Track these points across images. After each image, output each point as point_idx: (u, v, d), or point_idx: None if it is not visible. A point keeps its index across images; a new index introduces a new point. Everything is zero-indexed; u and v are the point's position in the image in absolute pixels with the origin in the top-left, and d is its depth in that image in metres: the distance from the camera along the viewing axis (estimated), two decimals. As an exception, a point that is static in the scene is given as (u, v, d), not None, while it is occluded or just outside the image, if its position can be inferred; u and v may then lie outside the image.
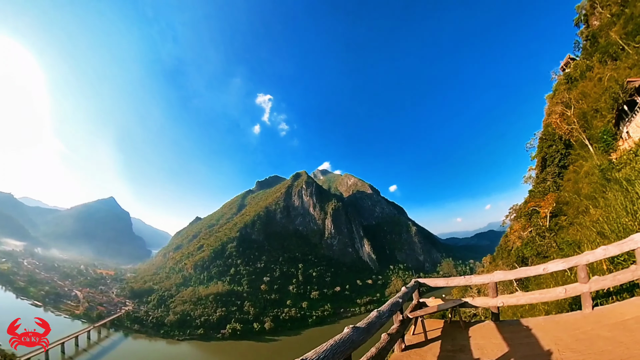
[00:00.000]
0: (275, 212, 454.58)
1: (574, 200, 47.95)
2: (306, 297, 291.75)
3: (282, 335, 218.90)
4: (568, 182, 53.80)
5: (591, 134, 48.15)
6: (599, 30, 60.20)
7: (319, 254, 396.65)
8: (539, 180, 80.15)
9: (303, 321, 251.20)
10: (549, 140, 69.48)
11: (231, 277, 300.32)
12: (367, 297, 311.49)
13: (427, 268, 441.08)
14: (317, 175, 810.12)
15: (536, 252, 58.28)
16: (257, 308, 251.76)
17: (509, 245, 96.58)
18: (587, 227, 34.84)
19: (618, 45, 49.59)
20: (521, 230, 69.56)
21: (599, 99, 47.68)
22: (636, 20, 47.47)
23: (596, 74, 51.51)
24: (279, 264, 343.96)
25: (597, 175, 38.03)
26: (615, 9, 55.62)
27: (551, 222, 56.44)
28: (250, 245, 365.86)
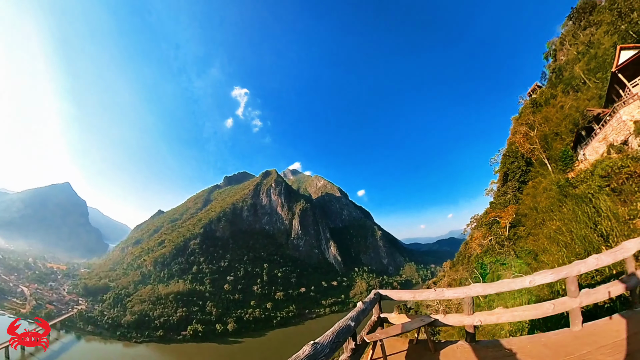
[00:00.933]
0: (242, 209, 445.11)
1: (531, 213, 53.52)
2: (271, 297, 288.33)
3: (246, 337, 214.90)
4: (527, 196, 59.73)
5: (550, 154, 54.39)
6: (565, 64, 69.58)
7: (284, 254, 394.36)
8: (500, 193, 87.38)
9: (267, 322, 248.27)
10: (512, 157, 76.60)
11: (193, 275, 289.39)
12: (332, 299, 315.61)
13: (390, 271, 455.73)
14: (287, 175, 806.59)
15: (495, 260, 64.01)
16: (219, 308, 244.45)
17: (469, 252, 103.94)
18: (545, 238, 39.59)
19: (580, 79, 57.50)
20: (482, 238, 75.26)
21: (559, 124, 54.68)
22: (598, 59, 54.89)
23: (559, 102, 59.13)
24: (243, 263, 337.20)
25: (555, 191, 43.01)
26: (581, 48, 65.00)
27: (510, 232, 62.04)
28: (215, 242, 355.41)
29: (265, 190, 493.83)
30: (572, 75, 62.68)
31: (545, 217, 44.67)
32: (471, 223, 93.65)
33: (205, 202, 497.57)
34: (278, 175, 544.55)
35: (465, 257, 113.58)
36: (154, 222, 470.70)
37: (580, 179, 33.87)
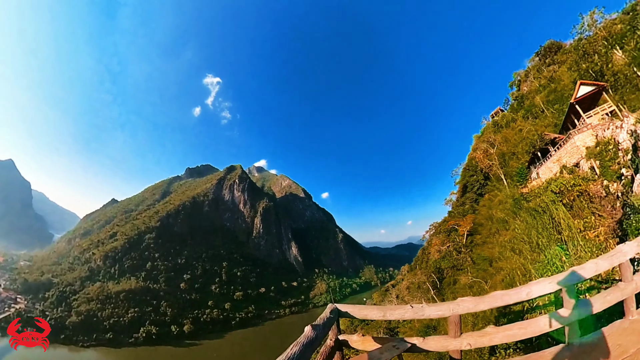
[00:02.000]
0: (202, 204, 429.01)
1: (487, 223, 58.72)
2: (229, 297, 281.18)
3: (203, 339, 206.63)
4: (483, 207, 65.37)
5: (507, 170, 60.19)
6: (527, 94, 78.11)
7: (245, 253, 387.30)
8: (459, 203, 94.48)
9: (226, 323, 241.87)
10: (472, 171, 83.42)
11: (147, 272, 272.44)
12: (292, 299, 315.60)
13: (350, 273, 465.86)
14: (252, 172, 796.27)
15: (452, 265, 68.69)
16: (175, 309, 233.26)
17: (427, 257, 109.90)
18: (500, 246, 43.47)
19: (540, 108, 64.78)
20: (440, 244, 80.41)
21: (517, 145, 60.65)
22: (557, 93, 61.96)
23: (518, 126, 65.65)
24: (201, 260, 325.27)
25: (510, 203, 47.77)
26: (544, 82, 73.31)
27: (467, 240, 67.18)
28: (172, 237, 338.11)
29: (229, 186, 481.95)
30: (532, 104, 70.34)
31: (500, 227, 49.51)
32: (430, 230, 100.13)
33: (164, 193, 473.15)
34: (243, 171, 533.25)
35: (423, 262, 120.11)
36: (107, 212, 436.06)
37: (534, 194, 37.95)
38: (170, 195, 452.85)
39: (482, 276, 43.30)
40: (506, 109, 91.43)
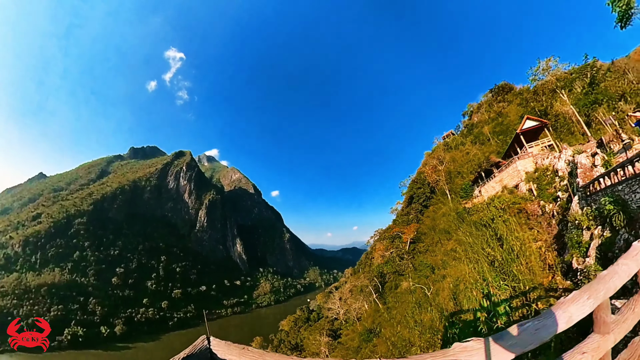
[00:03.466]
0: (144, 189, 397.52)
1: (430, 233, 63.89)
2: (167, 295, 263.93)
3: (137, 342, 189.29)
4: (427, 218, 71.20)
5: (452, 187, 66.71)
6: (477, 123, 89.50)
7: (186, 248, 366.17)
8: (404, 212, 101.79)
9: (162, 324, 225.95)
10: (419, 184, 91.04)
11: (74, 263, 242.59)
12: (234, 299, 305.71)
13: (295, 274, 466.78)
14: (202, 161, 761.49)
15: (394, 270, 72.91)
16: (106, 307, 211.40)
17: (370, 262, 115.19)
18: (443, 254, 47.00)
19: (486, 137, 75.06)
20: (384, 250, 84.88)
21: (463, 165, 68.73)
22: (503, 126, 72.78)
23: (466, 149, 75.12)
24: (137, 253, 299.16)
25: (453, 216, 52.64)
26: (493, 115, 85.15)
27: (410, 247, 71.87)
28: (105, 224, 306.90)
29: (175, 173, 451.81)
30: (480, 132, 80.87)
31: (443, 237, 54.00)
32: (375, 236, 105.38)
33: (102, 173, 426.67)
34: (192, 158, 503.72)
35: (366, 266, 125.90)
36: (31, 187, 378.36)
37: (477, 209, 42.26)
38: (109, 176, 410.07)
39: (424, 282, 46.08)
40: (457, 133, 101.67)
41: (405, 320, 36.06)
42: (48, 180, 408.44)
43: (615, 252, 13.51)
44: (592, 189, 18.69)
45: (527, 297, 15.75)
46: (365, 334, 55.49)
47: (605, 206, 14.78)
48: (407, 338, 28.24)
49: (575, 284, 15.06)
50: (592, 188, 18.72)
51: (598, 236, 15.57)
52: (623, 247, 12.98)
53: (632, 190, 13.76)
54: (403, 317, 39.44)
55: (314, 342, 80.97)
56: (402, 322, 37.18)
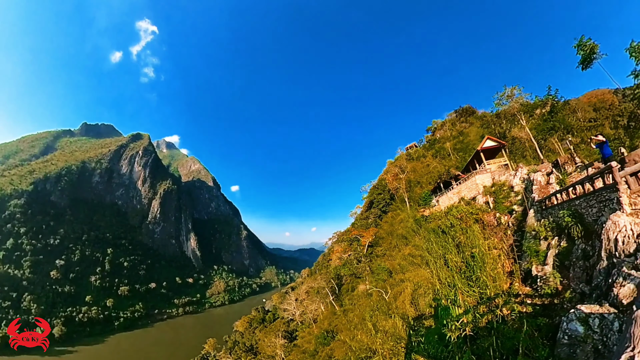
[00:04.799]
0: (93, 172, 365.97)
1: (388, 237, 65.93)
2: (112, 292, 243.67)
3: (79, 344, 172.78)
4: (386, 223, 73.81)
5: (411, 195, 70.15)
6: (440, 139, 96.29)
7: (135, 240, 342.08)
8: (364, 216, 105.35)
9: (107, 324, 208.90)
10: (380, 190, 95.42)
11: (7, 253, 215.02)
12: (186, 298, 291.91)
13: (251, 273, 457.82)
14: (161, 146, 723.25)
15: (352, 273, 74.28)
16: (42, 304, 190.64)
17: (328, 263, 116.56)
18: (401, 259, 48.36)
19: (447, 152, 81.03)
20: (342, 252, 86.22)
21: (423, 176, 72.52)
22: (463, 144, 78.70)
23: (427, 161, 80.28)
24: (81, 243, 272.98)
25: (411, 222, 54.62)
26: (455, 133, 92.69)
27: (368, 250, 73.58)
28: (46, 209, 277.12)
29: (130, 157, 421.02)
30: (442, 147, 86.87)
31: (400, 242, 55.76)
32: (333, 237, 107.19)
33: (47, 149, 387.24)
34: (150, 143, 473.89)
35: (323, 268, 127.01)
36: None
37: (435, 217, 44.19)
38: (54, 153, 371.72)
39: (382, 286, 46.78)
40: (420, 146, 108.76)
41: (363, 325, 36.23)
42: None
43: (572, 261, 14.68)
44: (549, 203, 20.16)
45: (493, 302, 16.43)
46: (321, 337, 55.33)
47: (563, 219, 15.92)
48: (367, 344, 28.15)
49: (535, 289, 16.06)
50: (549, 202, 20.20)
51: (555, 246, 16.85)
52: (580, 255, 14.13)
53: (589, 204, 15.00)
54: (361, 321, 39.67)
55: (269, 344, 79.82)
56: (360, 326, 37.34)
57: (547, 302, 13.99)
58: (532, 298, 15.22)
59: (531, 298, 15.29)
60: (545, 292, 14.52)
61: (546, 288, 14.59)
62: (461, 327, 14.85)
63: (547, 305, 13.96)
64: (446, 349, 15.29)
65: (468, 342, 14.16)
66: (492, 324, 13.91)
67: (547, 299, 14.13)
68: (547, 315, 13.11)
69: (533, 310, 14.09)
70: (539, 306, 14.25)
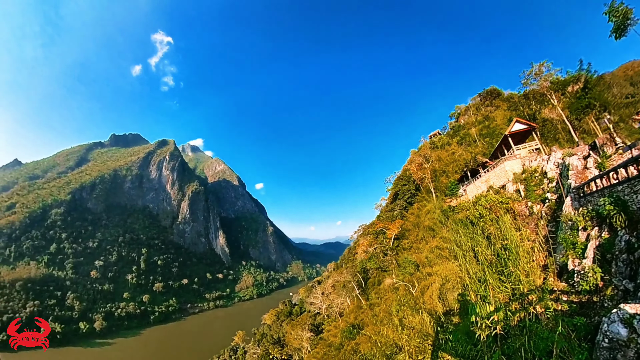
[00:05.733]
0: (125, 178, 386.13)
1: (414, 230, 63.82)
2: (148, 289, 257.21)
3: (118, 337, 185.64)
4: (412, 215, 71.19)
5: (437, 185, 67.12)
6: (464, 125, 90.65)
7: (167, 240, 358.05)
8: (389, 209, 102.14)
9: (144, 318, 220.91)
10: (404, 181, 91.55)
11: (51, 256, 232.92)
12: (216, 292, 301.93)
13: (278, 267, 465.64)
14: (186, 150, 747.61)
15: (378, 266, 72.82)
16: (84, 302, 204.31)
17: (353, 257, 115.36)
18: (428, 251, 46.52)
19: (473, 138, 75.74)
20: (367, 245, 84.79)
21: (448, 164, 68.73)
22: (490, 129, 73.89)
23: (452, 149, 75.48)
24: (117, 245, 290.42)
25: (437, 214, 52.45)
26: (480, 118, 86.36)
27: (394, 243, 71.88)
28: (84, 215, 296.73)
29: (157, 162, 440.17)
30: (467, 134, 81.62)
31: (427, 234, 53.82)
32: (358, 231, 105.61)
33: (81, 160, 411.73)
34: (176, 147, 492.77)
35: (349, 261, 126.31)
36: (5, 174, 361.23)
37: (462, 207, 42.09)
38: (88, 164, 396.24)
39: (408, 280, 45.42)
40: (444, 134, 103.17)
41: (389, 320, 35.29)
42: (23, 167, 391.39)
43: (614, 254, 13.15)
44: (587, 190, 18.47)
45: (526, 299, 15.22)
46: (347, 331, 54.94)
47: (604, 207, 14.43)
48: (393, 340, 27.27)
49: (572, 285, 14.70)
50: (587, 189, 18.50)
51: (595, 237, 15.29)
52: (624, 248, 12.66)
53: (634, 190, 13.45)
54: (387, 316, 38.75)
55: (296, 336, 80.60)
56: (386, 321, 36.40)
57: (585, 299, 12.68)
58: (569, 295, 13.84)
59: (567, 295, 13.93)
60: (584, 289, 13.12)
61: (584, 284, 13.17)
62: (491, 326, 13.88)
63: (585, 303, 12.73)
64: (475, 347, 14.35)
65: (498, 342, 13.19)
66: (524, 323, 12.77)
67: (586, 296, 12.78)
68: (585, 314, 11.96)
69: (569, 308, 12.90)
70: (576, 304, 13.01)
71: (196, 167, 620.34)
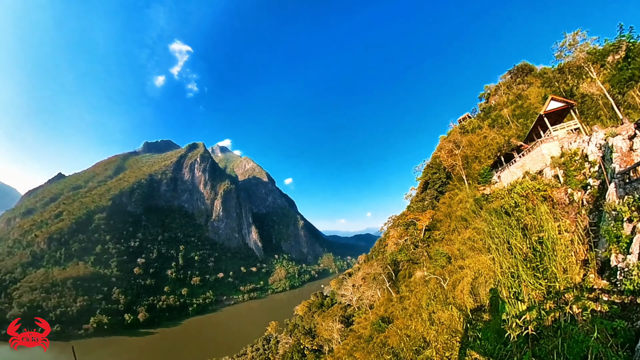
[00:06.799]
0: (160, 182, 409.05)
1: (446, 220, 61.09)
2: (186, 283, 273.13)
3: (160, 327, 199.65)
4: (443, 204, 67.95)
5: (469, 172, 63.19)
6: (495, 106, 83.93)
7: (203, 237, 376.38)
8: (419, 198, 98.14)
9: (183, 310, 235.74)
10: (434, 169, 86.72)
11: (97, 256, 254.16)
12: (250, 285, 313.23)
13: (309, 260, 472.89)
14: (216, 151, 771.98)
15: (409, 258, 70.87)
16: (128, 296, 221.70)
17: (384, 249, 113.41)
18: (460, 243, 44.30)
19: (505, 120, 70.08)
20: (398, 237, 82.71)
21: (480, 149, 64.29)
22: (523, 109, 68.01)
23: (483, 133, 69.85)
24: (157, 243, 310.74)
25: (470, 203, 49.71)
26: (512, 97, 79.83)
27: (425, 235, 69.52)
28: (124, 218, 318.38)
29: (189, 165, 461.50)
30: (499, 115, 76.00)
31: (460, 224, 51.36)
32: (388, 222, 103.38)
33: (118, 169, 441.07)
34: (205, 149, 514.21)
35: (379, 253, 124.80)
36: (52, 187, 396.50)
37: (496, 195, 39.50)
38: (125, 172, 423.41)
39: (440, 273, 43.72)
40: (473, 117, 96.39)
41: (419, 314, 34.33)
42: (67, 179, 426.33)
43: (664, 249, 11.67)
44: (633, 176, 16.57)
45: (562, 298, 13.96)
46: (377, 323, 54.33)
47: (652, 195, 12.83)
48: (422, 334, 26.52)
49: (614, 284, 13.18)
50: (634, 174, 16.61)
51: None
52: (675, 243, 11.17)
53: (687, 177, 11.84)
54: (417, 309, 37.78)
55: (326, 328, 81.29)
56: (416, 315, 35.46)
57: (629, 300, 11.21)
58: (610, 294, 12.33)
59: (608, 294, 12.43)
60: (627, 289, 11.50)
61: (628, 283, 11.58)
62: (523, 325, 12.97)
63: (627, 305, 11.32)
64: (505, 347, 13.52)
65: (529, 342, 12.29)
66: (559, 324, 11.74)
67: (629, 297, 11.25)
68: (626, 317, 10.71)
69: (610, 309, 11.60)
70: (618, 305, 11.66)
71: (226, 166, 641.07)
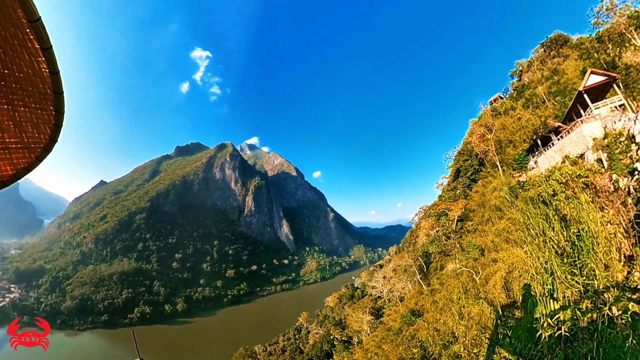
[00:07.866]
0: (193, 182, 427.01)
1: (479, 210, 57.67)
2: (221, 275, 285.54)
3: (196, 317, 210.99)
4: (476, 193, 63.99)
5: (503, 158, 58.71)
6: (529, 84, 76.55)
7: (236, 232, 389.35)
8: (450, 187, 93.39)
9: (218, 301, 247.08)
10: (466, 156, 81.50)
11: (139, 253, 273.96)
12: (283, 277, 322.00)
13: (340, 252, 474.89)
14: (244, 149, 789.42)
15: (440, 250, 68.20)
16: (168, 288, 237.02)
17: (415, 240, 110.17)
18: (494, 234, 41.75)
19: (541, 99, 63.15)
20: (429, 228, 79.84)
21: (515, 132, 59.30)
22: (560, 86, 60.85)
23: (517, 114, 63.86)
24: (192, 240, 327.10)
25: (505, 191, 46.41)
26: (547, 73, 71.66)
27: (457, 225, 66.55)
28: (162, 217, 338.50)
29: (219, 164, 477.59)
30: (533, 94, 68.69)
31: (494, 214, 48.32)
32: (419, 213, 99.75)
33: (153, 173, 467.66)
34: (234, 148, 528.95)
35: (410, 244, 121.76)
36: (95, 194, 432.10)
37: (533, 183, 36.52)
38: (160, 175, 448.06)
39: (472, 265, 41.61)
40: (505, 97, 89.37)
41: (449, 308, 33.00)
42: (108, 185, 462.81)
43: None
44: (686, 157, 14.61)
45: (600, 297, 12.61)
46: (407, 316, 53.16)
47: None
48: (451, 329, 25.44)
49: None
50: (686, 156, 14.63)
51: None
52: None
53: None
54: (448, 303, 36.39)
55: (357, 319, 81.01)
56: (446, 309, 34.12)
57: None
58: None
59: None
60: None
61: None
62: (555, 325, 11.93)
63: None
64: (535, 347, 12.59)
65: (562, 344, 11.30)
66: (595, 325, 10.65)
67: None
68: None
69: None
70: None
71: (255, 163, 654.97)
